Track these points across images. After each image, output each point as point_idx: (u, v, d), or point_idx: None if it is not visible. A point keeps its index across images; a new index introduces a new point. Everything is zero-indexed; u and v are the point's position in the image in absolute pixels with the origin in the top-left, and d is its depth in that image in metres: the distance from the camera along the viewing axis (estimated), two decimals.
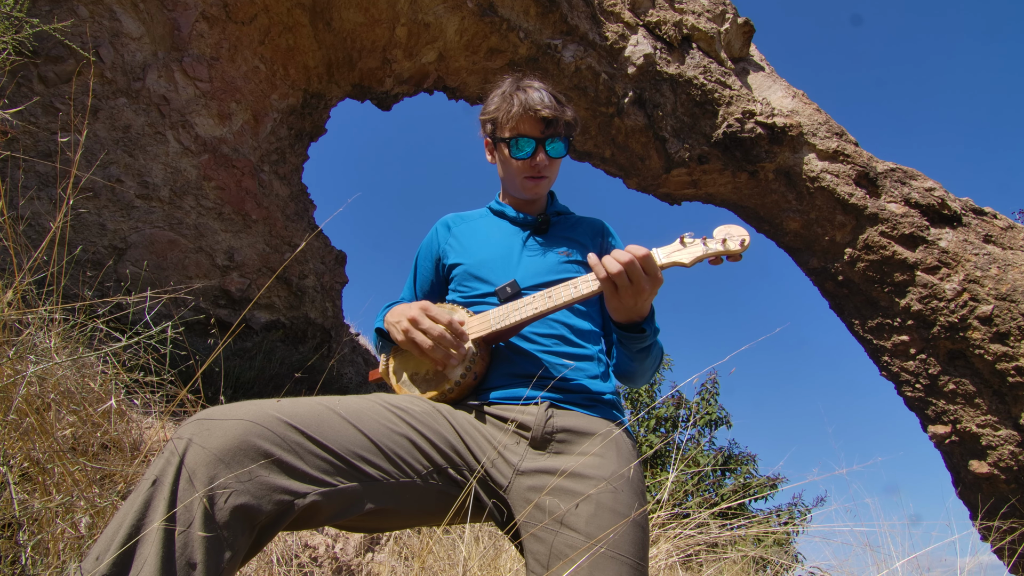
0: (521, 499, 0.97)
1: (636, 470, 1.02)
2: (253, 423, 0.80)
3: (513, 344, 1.13)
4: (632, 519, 0.93)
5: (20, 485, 1.18)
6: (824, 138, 4.59)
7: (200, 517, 0.72)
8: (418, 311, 1.07)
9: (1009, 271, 4.16)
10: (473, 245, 1.27)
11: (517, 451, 1.01)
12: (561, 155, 1.25)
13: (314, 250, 4.39)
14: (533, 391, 1.06)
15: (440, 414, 1.01)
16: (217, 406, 0.84)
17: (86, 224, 3.03)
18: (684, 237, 1.03)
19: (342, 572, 2.04)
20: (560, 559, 0.90)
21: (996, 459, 4.18)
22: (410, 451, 0.94)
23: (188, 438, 0.77)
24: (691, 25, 4.65)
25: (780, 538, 4.11)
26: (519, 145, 1.22)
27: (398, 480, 0.91)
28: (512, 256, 1.22)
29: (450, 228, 1.33)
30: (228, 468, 0.76)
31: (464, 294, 1.21)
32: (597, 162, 5.24)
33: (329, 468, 0.84)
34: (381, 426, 0.93)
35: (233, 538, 0.74)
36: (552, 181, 1.29)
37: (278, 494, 0.78)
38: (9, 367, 1.21)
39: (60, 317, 1.58)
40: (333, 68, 4.53)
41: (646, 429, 6.52)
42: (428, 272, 1.32)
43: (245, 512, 0.75)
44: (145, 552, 0.69)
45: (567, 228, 1.31)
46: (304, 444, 0.83)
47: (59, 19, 2.95)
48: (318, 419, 0.87)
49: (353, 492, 0.86)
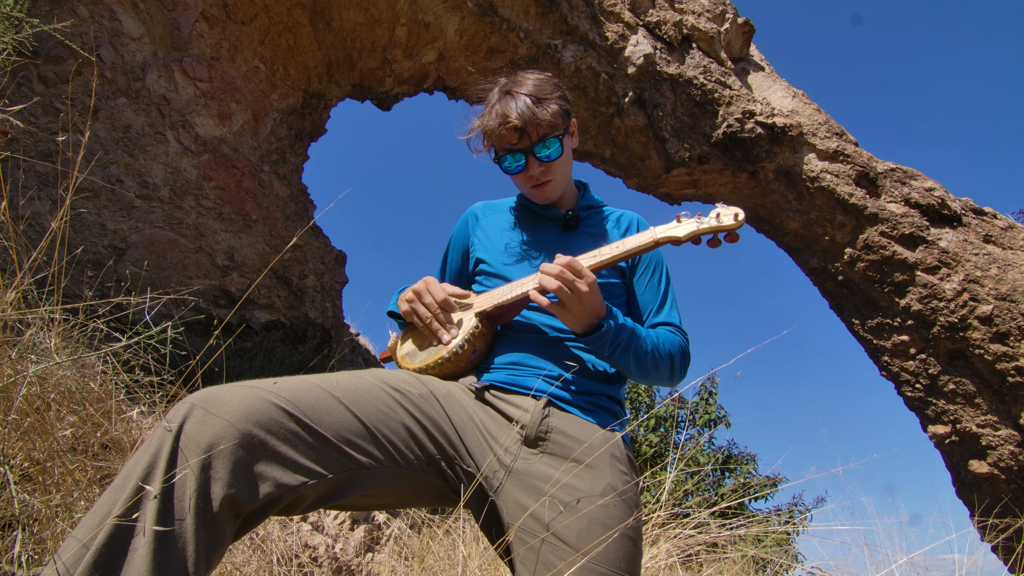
0: (512, 503, 0.96)
1: (629, 481, 1.01)
2: (248, 409, 0.79)
3: (520, 327, 1.13)
4: (623, 532, 0.92)
5: (20, 485, 1.18)
6: (824, 138, 4.59)
7: (193, 509, 0.72)
8: (422, 284, 1.12)
9: (1009, 271, 4.16)
10: (499, 241, 1.25)
11: (511, 450, 1.00)
12: (554, 157, 1.17)
13: (314, 250, 4.39)
14: (537, 381, 1.05)
15: (436, 400, 1.00)
16: (211, 388, 0.83)
17: (86, 224, 3.03)
18: (680, 215, 1.05)
19: (342, 572, 2.04)
20: (548, 569, 0.90)
21: (996, 459, 4.18)
22: (404, 439, 0.93)
23: (181, 423, 0.76)
24: (691, 25, 4.65)
25: (780, 538, 4.11)
26: (507, 160, 1.18)
27: (387, 467, 0.90)
28: (537, 254, 1.20)
29: (478, 219, 1.31)
30: (221, 457, 0.75)
31: (488, 290, 1.21)
32: (597, 162, 5.24)
33: (321, 458, 0.84)
34: (378, 411, 0.92)
35: (222, 528, 0.74)
36: (560, 180, 1.23)
37: (268, 485, 0.78)
38: (10, 367, 1.21)
39: (60, 317, 1.59)
40: (333, 68, 4.54)
41: (646, 429, 6.53)
42: (457, 263, 1.33)
43: (234, 501, 0.75)
44: (137, 543, 0.69)
45: (597, 225, 1.26)
46: (297, 432, 0.82)
47: (59, 19, 2.95)
48: (314, 403, 0.86)
49: (341, 481, 0.86)
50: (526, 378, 1.07)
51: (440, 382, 1.06)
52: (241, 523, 0.78)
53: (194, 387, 1.78)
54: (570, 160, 1.26)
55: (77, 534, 0.70)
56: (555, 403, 1.05)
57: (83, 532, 0.70)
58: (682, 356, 1.15)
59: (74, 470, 1.25)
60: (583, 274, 1.00)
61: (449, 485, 0.98)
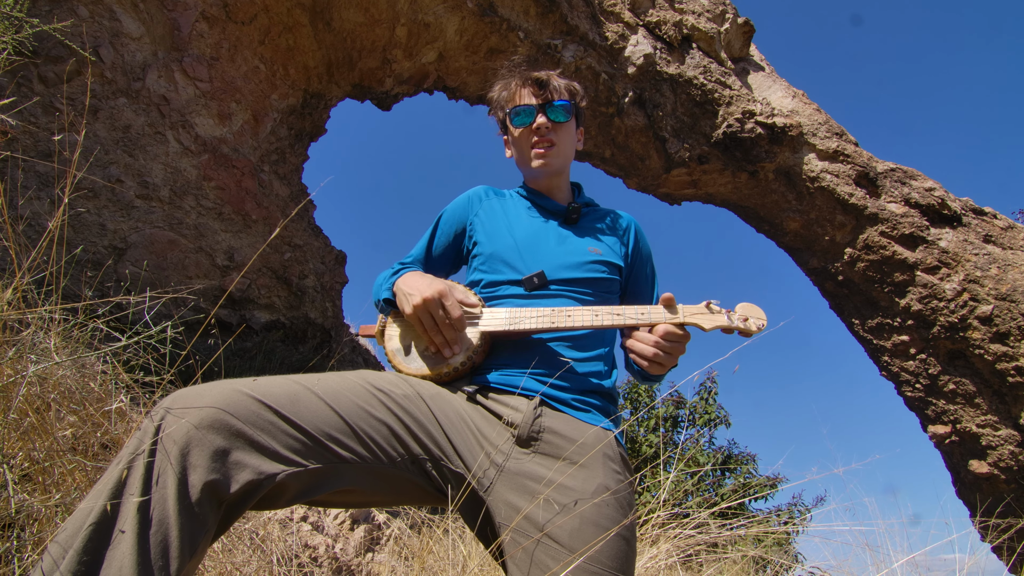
0: (503, 503, 0.95)
1: (623, 481, 1.00)
2: (226, 401, 0.80)
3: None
4: (616, 532, 0.92)
5: (20, 485, 1.18)
6: (824, 138, 4.59)
7: (174, 496, 0.73)
8: (436, 294, 1.05)
9: (1009, 271, 4.16)
10: (502, 226, 1.24)
11: (503, 450, 0.99)
12: (563, 120, 1.24)
13: (314, 250, 4.39)
14: (529, 380, 1.05)
15: (423, 401, 0.99)
16: (191, 386, 0.84)
17: (86, 224, 3.03)
18: (711, 303, 1.09)
19: (342, 572, 2.04)
20: (542, 570, 0.89)
21: (996, 459, 4.18)
22: (387, 437, 0.92)
23: (161, 419, 0.78)
24: (691, 25, 4.65)
25: (780, 538, 4.11)
26: (518, 113, 1.24)
27: (368, 463, 0.90)
28: (541, 245, 1.20)
29: (482, 201, 1.31)
30: (200, 446, 0.76)
31: (489, 276, 1.19)
32: (597, 162, 5.24)
33: (300, 448, 0.84)
34: (359, 408, 0.91)
35: (204, 515, 0.75)
36: (563, 153, 1.26)
37: (247, 473, 0.78)
38: (9, 367, 1.21)
39: (60, 317, 1.59)
40: (333, 68, 4.53)
41: (646, 429, 6.52)
42: (448, 238, 1.29)
43: (214, 489, 0.76)
44: (121, 531, 0.70)
45: (596, 221, 1.30)
46: (275, 423, 0.83)
47: (59, 19, 2.95)
48: (292, 398, 0.86)
49: (322, 472, 0.86)
50: (518, 378, 1.06)
51: (429, 384, 1.05)
52: (224, 513, 0.79)
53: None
54: (573, 147, 1.31)
55: (64, 530, 0.71)
56: (548, 403, 1.05)
57: (70, 527, 0.71)
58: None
59: (73, 470, 1.25)
60: (683, 341, 1.07)
61: (434, 485, 0.97)
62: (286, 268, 4.01)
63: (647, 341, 1.06)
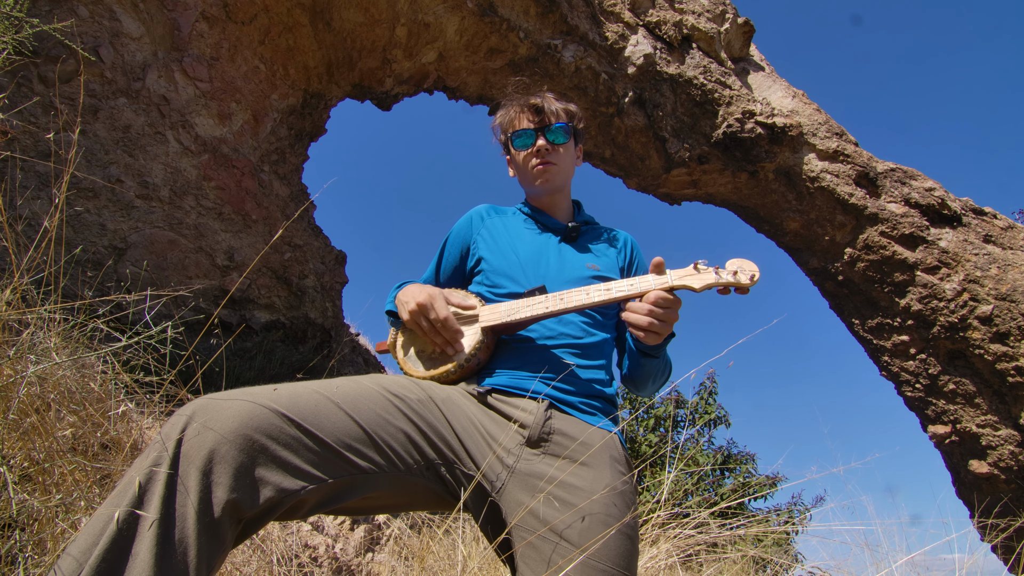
0: (515, 504, 0.98)
1: (627, 481, 1.05)
2: (249, 415, 0.80)
3: (522, 338, 1.16)
4: (622, 531, 0.96)
5: (20, 485, 1.18)
6: (824, 138, 4.59)
7: (194, 515, 0.72)
8: (427, 298, 1.11)
9: (1009, 271, 4.16)
10: (504, 242, 1.29)
11: (513, 451, 1.02)
12: (562, 141, 1.30)
13: (314, 250, 4.39)
14: (539, 385, 1.08)
15: (435, 405, 1.02)
16: (210, 395, 0.84)
17: (86, 224, 3.03)
18: (698, 263, 1.08)
19: (342, 572, 2.04)
20: (552, 567, 0.92)
21: (996, 459, 4.18)
22: (404, 444, 0.94)
23: (182, 431, 0.77)
24: (691, 25, 4.65)
25: (780, 538, 4.11)
26: (519, 136, 1.31)
27: (386, 472, 0.92)
28: (542, 261, 1.25)
29: (484, 219, 1.36)
30: (223, 463, 0.75)
31: (490, 290, 1.24)
32: (597, 162, 5.24)
33: (321, 462, 0.85)
34: (378, 416, 0.93)
35: (224, 533, 0.75)
36: (563, 171, 1.33)
37: (269, 490, 0.78)
38: (9, 367, 1.21)
39: (60, 317, 1.58)
40: (333, 68, 4.53)
41: (645, 429, 6.52)
42: (454, 258, 1.35)
43: (236, 507, 0.75)
44: (139, 549, 0.69)
45: (594, 239, 1.35)
46: (299, 437, 0.83)
47: (59, 19, 2.95)
48: (315, 409, 0.87)
49: (341, 485, 0.87)
50: (527, 382, 1.10)
51: (440, 387, 1.08)
52: (242, 528, 0.79)
53: (194, 387, 1.78)
54: (573, 164, 1.37)
55: (78, 541, 0.69)
56: (556, 405, 1.09)
57: (85, 539, 0.69)
58: (671, 366, 1.27)
59: (73, 470, 1.25)
60: (675, 305, 1.08)
61: (447, 489, 0.99)
62: (286, 268, 4.01)
63: (640, 310, 1.07)
